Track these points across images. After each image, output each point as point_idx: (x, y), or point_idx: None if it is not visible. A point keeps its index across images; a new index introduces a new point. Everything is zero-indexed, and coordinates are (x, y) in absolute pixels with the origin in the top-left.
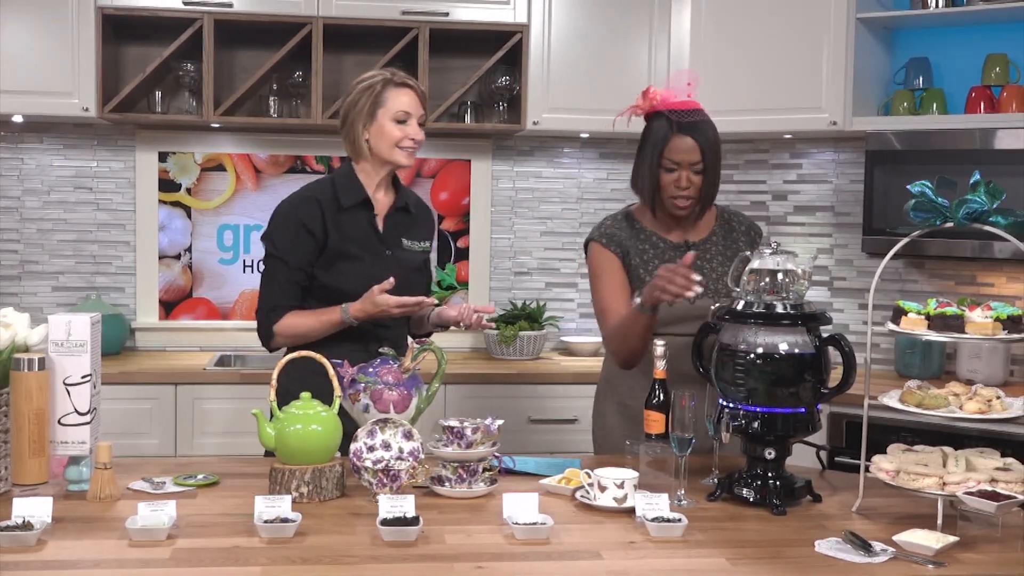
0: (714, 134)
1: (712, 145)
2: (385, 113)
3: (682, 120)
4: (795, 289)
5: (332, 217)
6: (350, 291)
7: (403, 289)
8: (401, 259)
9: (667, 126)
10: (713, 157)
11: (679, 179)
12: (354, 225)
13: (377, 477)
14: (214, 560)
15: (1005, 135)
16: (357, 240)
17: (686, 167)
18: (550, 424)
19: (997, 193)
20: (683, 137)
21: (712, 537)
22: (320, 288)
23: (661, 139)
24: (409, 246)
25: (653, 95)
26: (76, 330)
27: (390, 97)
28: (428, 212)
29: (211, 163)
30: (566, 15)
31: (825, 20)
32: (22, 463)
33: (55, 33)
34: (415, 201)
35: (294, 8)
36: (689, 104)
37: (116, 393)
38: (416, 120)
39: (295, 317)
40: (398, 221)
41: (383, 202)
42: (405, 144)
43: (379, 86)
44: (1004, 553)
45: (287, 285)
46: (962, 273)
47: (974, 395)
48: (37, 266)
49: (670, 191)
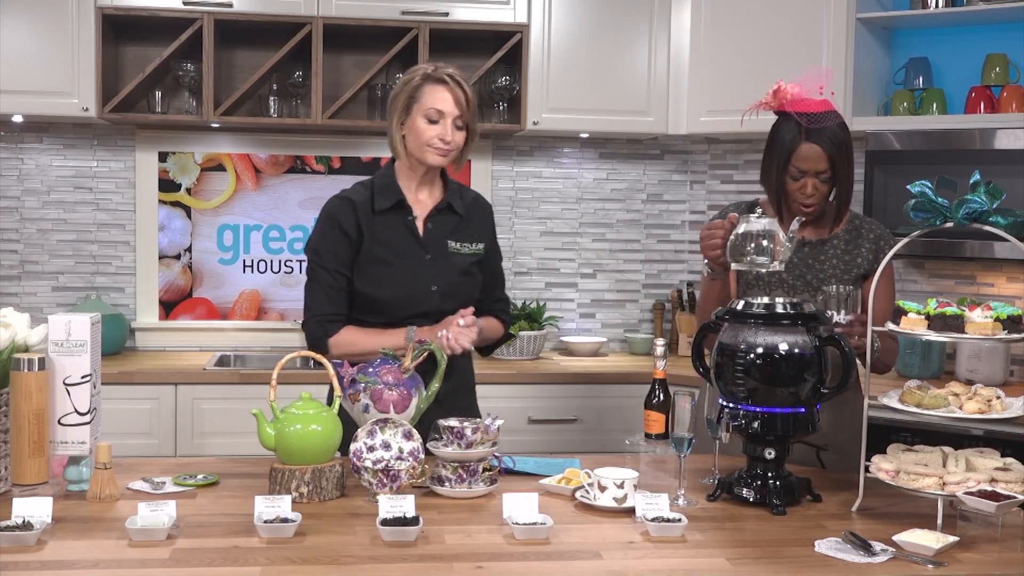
0: (845, 138)
1: (842, 152)
2: (419, 109)
3: (812, 126)
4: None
5: (367, 219)
6: (387, 299)
7: (449, 296)
8: (444, 263)
9: (796, 131)
10: (843, 164)
11: (804, 186)
12: (390, 229)
13: (377, 477)
14: (214, 560)
15: (1005, 135)
16: (392, 245)
17: (812, 175)
18: (550, 424)
19: (997, 193)
20: (811, 145)
21: (712, 537)
22: (357, 295)
23: (788, 144)
24: (456, 248)
25: (783, 93)
26: (76, 330)
27: (426, 93)
28: (483, 209)
29: (211, 163)
30: (566, 15)
31: (825, 20)
32: (22, 463)
33: (55, 33)
34: (471, 199)
35: (294, 8)
36: (821, 105)
37: (116, 393)
38: (451, 121)
39: (354, 334)
40: (442, 222)
41: (425, 203)
42: (435, 144)
43: (418, 79)
44: (1004, 553)
45: (332, 291)
46: (962, 273)
47: (974, 395)
48: (37, 266)
49: (796, 197)
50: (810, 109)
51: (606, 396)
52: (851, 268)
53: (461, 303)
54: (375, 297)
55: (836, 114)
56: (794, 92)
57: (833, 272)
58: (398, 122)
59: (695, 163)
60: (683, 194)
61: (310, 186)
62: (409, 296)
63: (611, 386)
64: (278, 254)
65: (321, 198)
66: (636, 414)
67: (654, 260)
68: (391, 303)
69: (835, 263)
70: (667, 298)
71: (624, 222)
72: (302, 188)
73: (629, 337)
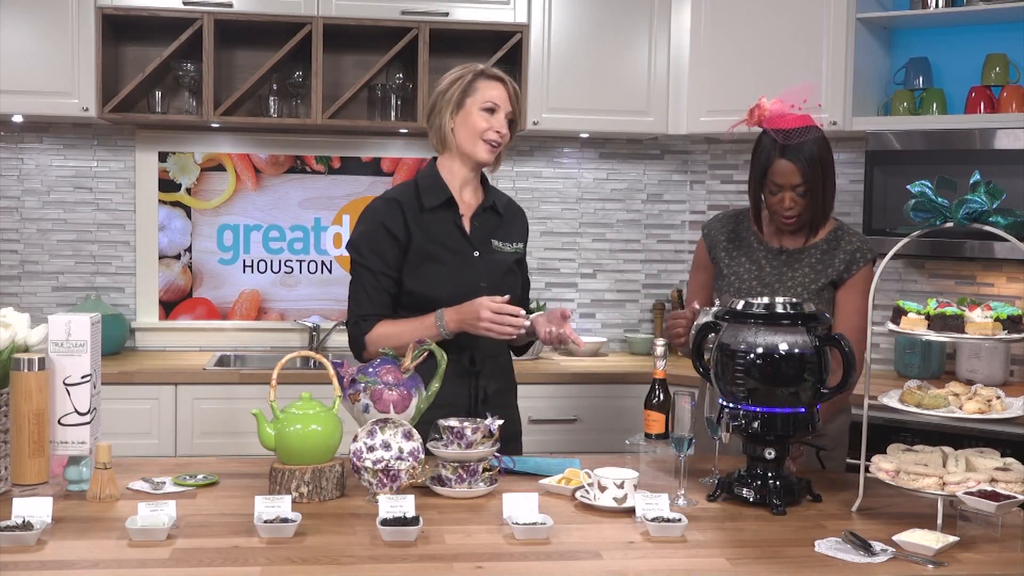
0: (820, 153)
1: (817, 166)
2: (474, 102)
3: (787, 142)
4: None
5: (415, 218)
6: (439, 298)
7: (497, 292)
8: (490, 261)
9: (771, 147)
10: (818, 177)
11: (783, 200)
12: (439, 226)
13: (377, 477)
14: (213, 560)
15: (1005, 135)
16: (442, 241)
17: (789, 189)
18: (550, 424)
19: (997, 193)
20: (785, 161)
21: (712, 537)
22: (407, 295)
23: (764, 160)
24: (499, 247)
25: (762, 110)
26: (76, 330)
27: (481, 87)
28: (519, 213)
29: (211, 163)
30: (566, 15)
31: (825, 20)
32: (22, 463)
33: (55, 33)
34: (506, 202)
35: (294, 8)
36: (799, 120)
37: (116, 393)
38: (504, 115)
39: (388, 326)
40: (486, 221)
41: (469, 202)
42: (489, 136)
43: (471, 76)
44: (1004, 553)
45: (374, 292)
46: (962, 273)
47: (974, 395)
48: (37, 266)
49: (776, 210)
50: (788, 125)
51: (606, 396)
52: (820, 277)
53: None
54: (427, 295)
55: (815, 128)
56: (773, 109)
57: (802, 280)
58: (449, 116)
59: (695, 163)
60: (683, 194)
61: (310, 186)
62: (460, 293)
63: (611, 386)
64: (278, 254)
65: (321, 198)
66: (636, 414)
67: (654, 260)
68: (442, 301)
69: (807, 271)
70: (667, 298)
71: (624, 222)
72: (302, 188)
73: (629, 337)
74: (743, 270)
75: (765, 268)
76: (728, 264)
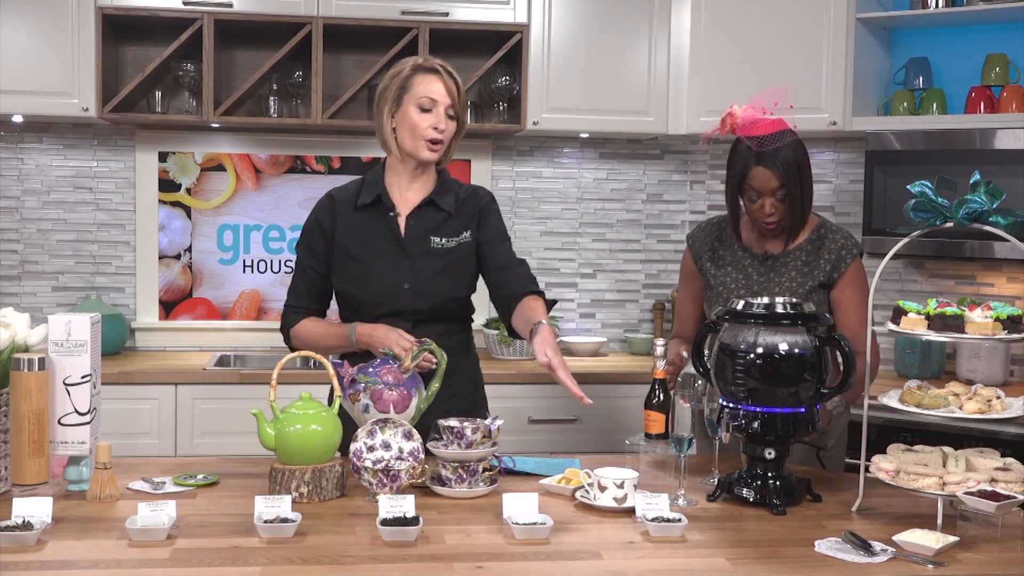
0: (797, 156)
1: (793, 170)
2: (411, 99)
3: (761, 149)
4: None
5: (345, 216)
6: (360, 297)
7: (423, 295)
8: (422, 262)
9: (746, 155)
10: (796, 182)
11: (763, 206)
12: (368, 226)
13: (377, 477)
14: (213, 560)
15: (1005, 135)
16: (369, 242)
17: (767, 194)
18: (550, 424)
19: (997, 193)
20: (761, 168)
21: (712, 537)
22: (337, 293)
23: (741, 168)
24: (440, 244)
25: (733, 118)
26: (76, 330)
27: (417, 83)
28: (477, 200)
29: (211, 163)
30: (566, 15)
31: (825, 20)
32: (22, 463)
33: (55, 33)
34: (467, 194)
35: (294, 8)
36: (772, 125)
37: (116, 393)
38: (444, 110)
39: (311, 324)
40: (425, 219)
41: (412, 201)
42: (428, 134)
43: (408, 71)
44: (1004, 553)
45: (303, 287)
46: (962, 273)
47: (974, 395)
48: (37, 266)
49: (757, 216)
50: (761, 131)
51: (606, 396)
52: (808, 280)
53: (436, 302)
54: (350, 295)
55: (788, 132)
56: (745, 115)
57: (789, 285)
58: (388, 114)
59: (695, 163)
60: (683, 194)
61: (310, 186)
62: (381, 294)
63: (611, 386)
64: (278, 254)
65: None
66: (636, 414)
67: (654, 260)
68: (364, 301)
69: (793, 275)
70: (667, 298)
71: (624, 222)
72: (302, 188)
73: (629, 337)
74: (730, 279)
75: (752, 276)
76: (715, 275)
